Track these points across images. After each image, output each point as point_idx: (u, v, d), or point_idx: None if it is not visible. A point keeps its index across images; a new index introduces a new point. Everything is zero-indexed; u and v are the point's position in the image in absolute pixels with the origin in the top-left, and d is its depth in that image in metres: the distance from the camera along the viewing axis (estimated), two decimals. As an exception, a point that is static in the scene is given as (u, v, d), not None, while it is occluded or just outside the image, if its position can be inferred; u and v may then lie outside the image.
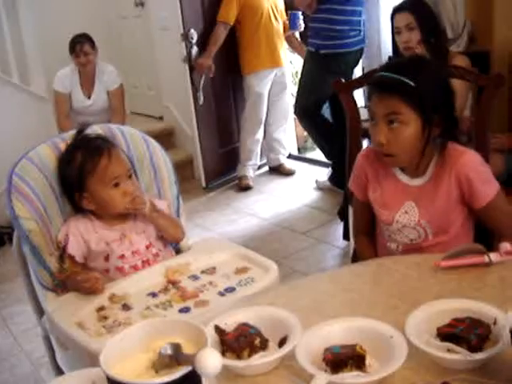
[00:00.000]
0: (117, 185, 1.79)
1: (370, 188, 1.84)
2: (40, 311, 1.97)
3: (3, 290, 3.77)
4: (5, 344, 3.17)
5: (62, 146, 1.87)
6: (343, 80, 2.25)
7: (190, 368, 0.86)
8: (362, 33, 4.04)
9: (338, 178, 4.12)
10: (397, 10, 2.90)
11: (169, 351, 0.93)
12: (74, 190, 1.82)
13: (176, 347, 0.94)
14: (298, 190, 4.61)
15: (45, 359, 2.86)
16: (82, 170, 1.79)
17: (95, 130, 1.93)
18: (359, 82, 2.35)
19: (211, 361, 0.83)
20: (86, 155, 1.79)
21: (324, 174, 4.56)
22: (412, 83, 1.61)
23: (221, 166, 4.94)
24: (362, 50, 4.10)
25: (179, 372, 0.86)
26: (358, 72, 4.27)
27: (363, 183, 1.86)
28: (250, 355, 1.18)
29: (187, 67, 4.56)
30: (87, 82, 4.44)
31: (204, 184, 4.84)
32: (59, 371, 1.90)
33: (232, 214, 4.36)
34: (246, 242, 3.71)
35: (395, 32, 2.91)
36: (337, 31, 3.95)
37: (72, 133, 1.91)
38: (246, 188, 4.73)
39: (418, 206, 1.75)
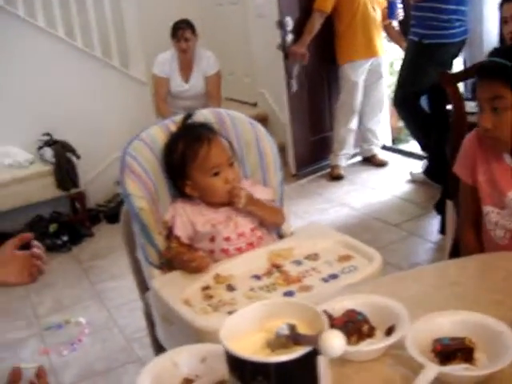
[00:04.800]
0: (217, 173, 1.82)
1: (479, 171, 1.81)
2: (143, 287, 2.04)
3: (98, 266, 3.92)
4: (99, 318, 3.30)
5: (173, 129, 1.92)
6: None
7: (310, 348, 0.88)
8: (466, 23, 3.94)
9: (434, 171, 4.05)
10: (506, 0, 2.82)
11: (286, 331, 0.95)
12: (178, 177, 1.87)
13: (292, 328, 0.96)
14: (391, 182, 4.56)
15: (137, 334, 2.98)
16: (183, 158, 1.83)
17: (205, 114, 1.97)
18: (466, 74, 2.31)
19: (337, 342, 0.85)
20: (187, 144, 1.83)
21: (418, 166, 4.48)
22: None
23: (312, 154, 4.96)
24: (464, 40, 4.00)
25: (301, 351, 0.87)
26: (457, 63, 4.17)
27: (472, 166, 1.83)
28: (357, 341, 1.19)
29: (282, 55, 4.58)
30: (186, 67, 4.53)
31: (294, 171, 4.86)
32: (158, 347, 1.94)
33: (323, 202, 4.36)
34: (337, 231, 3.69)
35: (503, 21, 2.83)
36: (443, 21, 3.86)
37: (181, 117, 1.95)
38: (337, 177, 4.72)
39: None
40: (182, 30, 4.36)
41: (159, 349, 1.92)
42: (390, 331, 1.21)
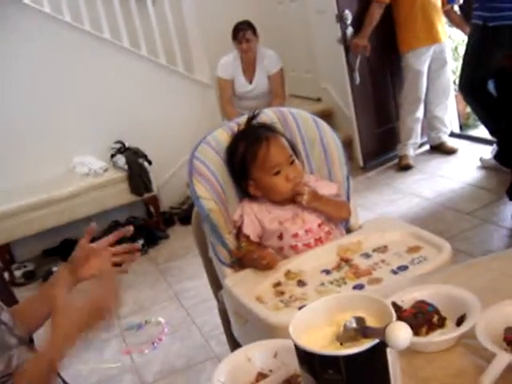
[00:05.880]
0: (278, 172, 1.85)
1: None
2: (217, 286, 2.09)
3: (174, 267, 4.01)
4: (178, 317, 3.39)
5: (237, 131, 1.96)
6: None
7: (377, 340, 0.90)
8: (530, 3, 3.82)
9: (504, 156, 3.95)
10: None
11: (354, 324, 0.96)
12: (241, 178, 1.91)
13: (360, 321, 0.97)
14: (461, 169, 4.47)
15: (214, 332, 3.04)
16: (244, 159, 1.87)
17: (268, 114, 2.00)
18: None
19: (403, 333, 0.86)
20: (247, 145, 1.87)
21: (488, 151, 4.37)
22: None
23: (378, 145, 4.93)
24: (529, 21, 3.88)
25: (368, 344, 0.89)
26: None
27: None
28: (427, 332, 1.20)
29: (343, 48, 4.56)
30: (249, 68, 4.58)
31: (362, 164, 4.84)
32: (234, 343, 1.98)
33: (392, 194, 4.33)
34: (408, 222, 3.64)
35: None
36: (507, 1, 3.73)
37: (244, 118, 1.98)
38: (406, 167, 4.67)
39: None
40: (243, 32, 4.41)
41: (235, 345, 1.95)
42: (460, 321, 1.21)
